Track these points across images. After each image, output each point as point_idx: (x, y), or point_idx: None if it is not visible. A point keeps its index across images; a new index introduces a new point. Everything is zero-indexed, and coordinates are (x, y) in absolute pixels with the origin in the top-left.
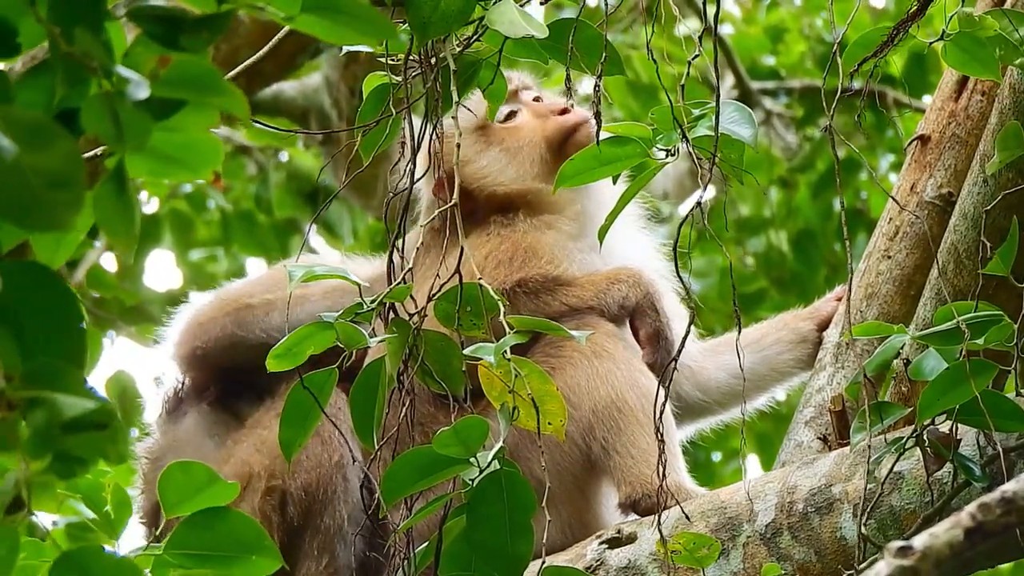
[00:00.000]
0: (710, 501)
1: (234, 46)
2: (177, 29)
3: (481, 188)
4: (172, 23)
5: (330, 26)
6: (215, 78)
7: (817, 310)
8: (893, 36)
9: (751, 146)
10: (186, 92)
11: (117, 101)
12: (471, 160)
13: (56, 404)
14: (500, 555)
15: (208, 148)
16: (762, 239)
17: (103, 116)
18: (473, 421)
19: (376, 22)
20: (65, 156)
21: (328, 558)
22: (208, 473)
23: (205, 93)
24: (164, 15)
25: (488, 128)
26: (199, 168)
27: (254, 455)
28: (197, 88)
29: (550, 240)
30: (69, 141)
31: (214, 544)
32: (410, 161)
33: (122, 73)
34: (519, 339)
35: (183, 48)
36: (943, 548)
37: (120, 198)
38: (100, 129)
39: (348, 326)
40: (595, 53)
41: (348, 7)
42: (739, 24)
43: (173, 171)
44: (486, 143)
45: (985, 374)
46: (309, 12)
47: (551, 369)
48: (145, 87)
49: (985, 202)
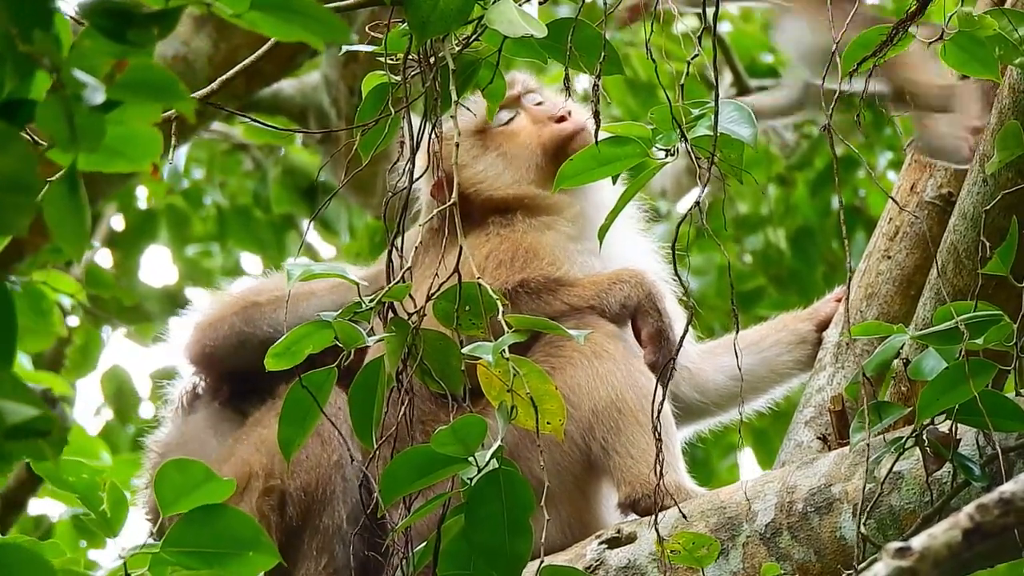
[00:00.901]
0: (709, 501)
1: (233, 45)
2: (126, 24)
3: (477, 192)
4: (121, 18)
5: (278, 24)
6: (170, 81)
7: (816, 311)
8: (893, 36)
9: (751, 146)
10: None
11: (73, 104)
12: (467, 164)
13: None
14: (499, 554)
15: (148, 141)
16: (760, 237)
17: (58, 118)
18: (471, 420)
19: (326, 21)
20: (18, 159)
21: (327, 558)
22: (204, 470)
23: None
24: (113, 9)
25: (486, 132)
26: (138, 159)
27: (254, 454)
28: (152, 91)
29: (550, 241)
30: (22, 143)
31: (211, 541)
32: (409, 160)
33: (78, 77)
34: (518, 338)
35: (131, 43)
36: (941, 549)
37: (72, 200)
38: (55, 131)
39: (347, 325)
40: (594, 52)
41: (297, 5)
42: (737, 22)
43: (113, 162)
44: (483, 147)
45: (984, 374)
46: (257, 9)
47: (551, 369)
48: (101, 92)
49: (985, 202)
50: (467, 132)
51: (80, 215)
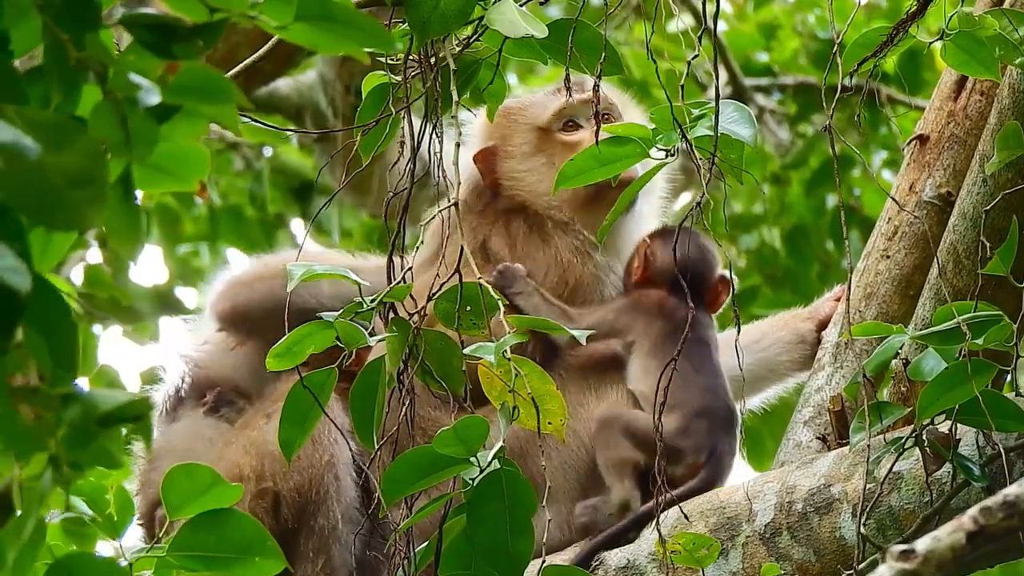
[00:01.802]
0: (709, 501)
1: (232, 44)
2: (170, 38)
3: (511, 188)
4: (165, 32)
5: (324, 35)
6: (223, 84)
7: (816, 310)
8: (893, 36)
9: (751, 146)
10: (193, 98)
11: (127, 107)
12: (515, 156)
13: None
14: (500, 554)
15: (195, 158)
16: (755, 236)
17: (112, 122)
18: (473, 421)
19: (371, 30)
20: (86, 155)
21: (324, 559)
22: (212, 475)
23: (213, 99)
24: (157, 24)
25: (547, 132)
26: (186, 178)
27: (243, 457)
28: (204, 94)
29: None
30: (89, 140)
31: (217, 546)
32: (409, 161)
33: (131, 79)
34: (519, 339)
35: (176, 57)
36: (945, 552)
37: (126, 203)
38: (108, 134)
39: (349, 325)
40: (595, 53)
41: (342, 15)
42: (732, 21)
43: (160, 180)
44: (536, 147)
45: (984, 374)
46: (302, 21)
47: (566, 370)
48: (155, 93)
49: (984, 202)
50: (529, 126)
51: (135, 218)
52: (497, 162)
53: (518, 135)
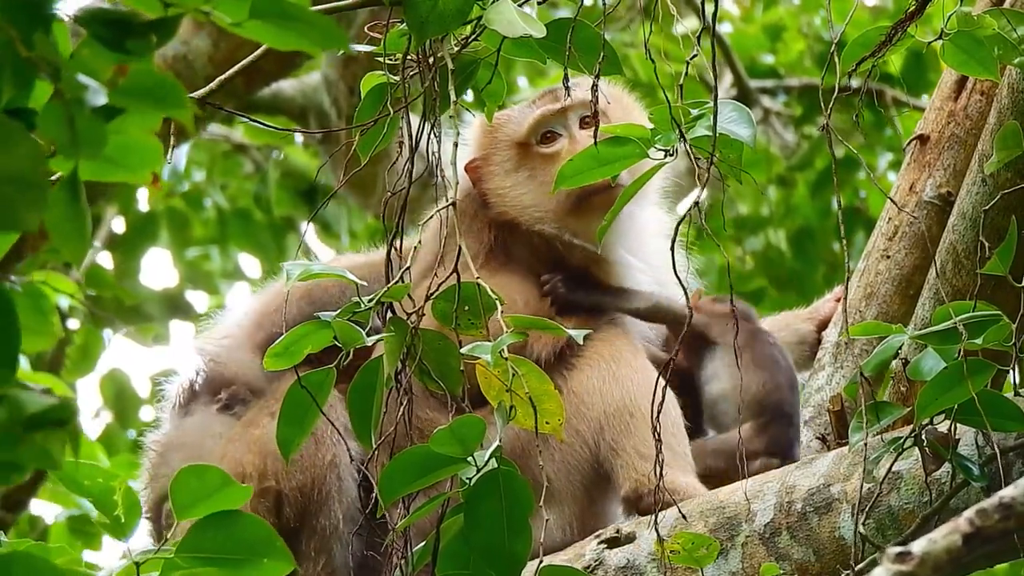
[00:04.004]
0: (709, 501)
1: (234, 44)
2: (124, 33)
3: (496, 204)
4: (119, 27)
5: (278, 32)
6: (173, 88)
7: (816, 310)
8: (892, 36)
9: (750, 146)
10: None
11: (75, 107)
12: (497, 174)
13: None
14: (498, 554)
15: (147, 151)
16: (760, 238)
17: (60, 123)
18: (470, 420)
19: (326, 29)
20: (27, 157)
21: (325, 558)
22: (221, 476)
23: (162, 103)
24: (111, 19)
25: (526, 147)
26: (138, 170)
27: (246, 455)
28: (154, 98)
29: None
30: (30, 141)
31: (225, 547)
32: (408, 160)
33: (80, 80)
34: (516, 338)
35: (129, 52)
36: (941, 554)
37: (72, 205)
38: (56, 135)
39: (346, 325)
40: (593, 53)
41: (297, 13)
42: (737, 23)
43: (111, 172)
44: (517, 163)
45: (983, 374)
46: (256, 18)
47: (569, 370)
48: (102, 94)
49: (984, 202)
50: (508, 142)
51: (81, 220)
52: (482, 177)
53: (499, 152)
